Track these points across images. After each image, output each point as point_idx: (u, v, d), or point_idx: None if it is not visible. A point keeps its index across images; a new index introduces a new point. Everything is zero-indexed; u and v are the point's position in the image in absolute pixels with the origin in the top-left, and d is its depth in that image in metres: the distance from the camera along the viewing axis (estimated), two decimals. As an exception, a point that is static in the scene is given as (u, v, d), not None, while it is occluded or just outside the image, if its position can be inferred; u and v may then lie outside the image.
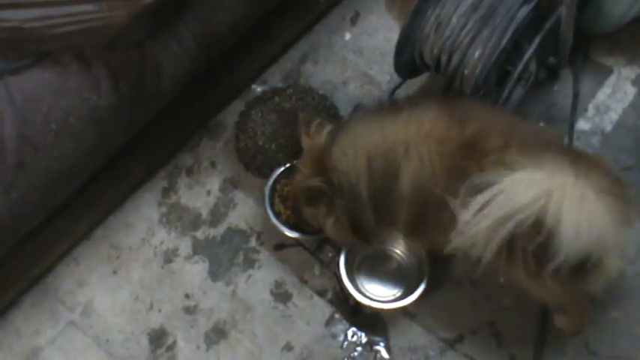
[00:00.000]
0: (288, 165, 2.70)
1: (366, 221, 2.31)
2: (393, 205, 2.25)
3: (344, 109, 2.87)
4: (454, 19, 2.48)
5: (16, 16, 2.18)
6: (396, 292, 2.58)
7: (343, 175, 2.25)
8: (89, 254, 2.76)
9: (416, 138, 2.17)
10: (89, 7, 2.20)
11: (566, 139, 2.74)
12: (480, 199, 1.95)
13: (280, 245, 2.71)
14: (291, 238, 2.65)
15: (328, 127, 2.36)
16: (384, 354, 2.53)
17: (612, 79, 2.86)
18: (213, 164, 2.89)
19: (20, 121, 2.22)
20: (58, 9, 2.19)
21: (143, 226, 2.80)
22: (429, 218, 2.22)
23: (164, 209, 2.82)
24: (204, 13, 2.55)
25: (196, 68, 2.65)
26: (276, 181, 2.71)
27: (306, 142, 2.39)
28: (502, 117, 2.35)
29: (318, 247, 2.69)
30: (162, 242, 2.77)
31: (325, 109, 2.76)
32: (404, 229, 2.36)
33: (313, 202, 2.36)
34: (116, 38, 2.29)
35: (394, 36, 2.60)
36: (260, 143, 2.72)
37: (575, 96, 2.83)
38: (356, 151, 2.23)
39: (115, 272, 2.73)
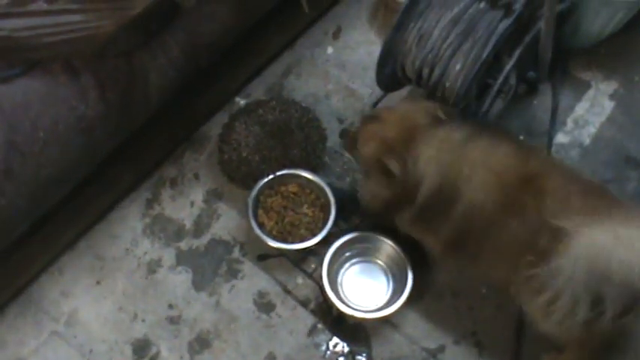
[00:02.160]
0: (271, 176, 2.74)
1: (406, 214, 2.36)
2: (439, 219, 2.29)
3: (327, 122, 2.92)
4: (435, 33, 2.53)
5: (5, 26, 2.22)
6: (378, 302, 2.62)
7: (417, 168, 2.28)
8: (73, 264, 2.77)
9: (483, 166, 2.21)
10: (78, 17, 2.25)
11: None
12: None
13: (264, 256, 2.74)
14: (274, 248, 2.68)
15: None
16: (367, 364, 2.58)
17: (590, 93, 2.94)
18: (196, 176, 2.92)
19: (8, 129, 2.25)
20: (47, 19, 2.23)
21: (127, 236, 2.82)
22: (470, 242, 2.27)
23: (148, 220, 2.85)
24: (191, 24, 2.59)
25: (182, 79, 2.69)
26: (259, 192, 2.74)
27: (425, 109, 2.40)
28: (562, 163, 2.40)
29: (301, 257, 2.72)
30: (145, 253, 2.79)
31: (308, 121, 2.81)
32: (440, 243, 2.38)
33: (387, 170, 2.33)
34: (104, 48, 2.33)
35: (376, 50, 2.66)
36: (244, 155, 2.76)
37: (554, 110, 2.90)
38: (437, 156, 2.27)
39: (98, 282, 2.74)
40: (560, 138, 2.85)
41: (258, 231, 2.67)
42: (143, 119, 2.67)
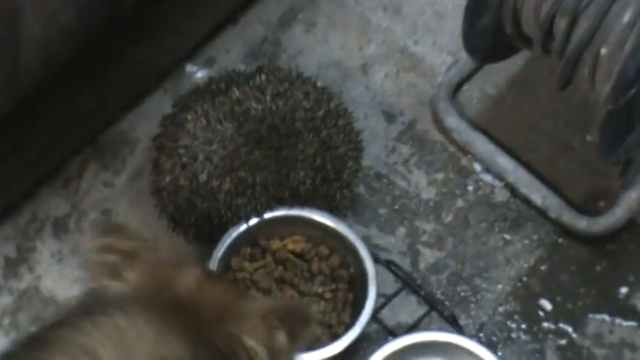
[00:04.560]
0: (254, 221, 1.74)
1: None
2: None
3: (363, 117, 1.92)
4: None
5: None
6: None
7: None
8: None
9: None
10: None
11: None
12: None
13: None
14: (259, 362, 1.66)
15: None
16: None
17: None
18: (106, 214, 1.92)
19: None
20: None
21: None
22: None
23: (8, 300, 1.83)
24: None
25: (88, 29, 1.79)
26: (231, 252, 1.75)
27: None
28: None
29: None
30: (0, 366, 1.71)
31: (328, 115, 1.78)
32: None
33: None
34: None
35: (462, -17, 1.84)
36: (202, 178, 1.76)
37: None
38: None
39: None
40: None
41: (228, 328, 1.64)
42: (6, 104, 1.76)
